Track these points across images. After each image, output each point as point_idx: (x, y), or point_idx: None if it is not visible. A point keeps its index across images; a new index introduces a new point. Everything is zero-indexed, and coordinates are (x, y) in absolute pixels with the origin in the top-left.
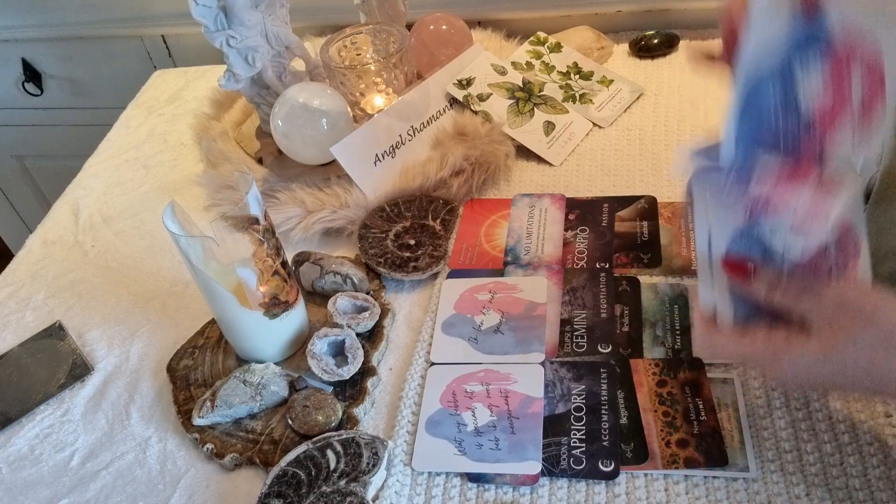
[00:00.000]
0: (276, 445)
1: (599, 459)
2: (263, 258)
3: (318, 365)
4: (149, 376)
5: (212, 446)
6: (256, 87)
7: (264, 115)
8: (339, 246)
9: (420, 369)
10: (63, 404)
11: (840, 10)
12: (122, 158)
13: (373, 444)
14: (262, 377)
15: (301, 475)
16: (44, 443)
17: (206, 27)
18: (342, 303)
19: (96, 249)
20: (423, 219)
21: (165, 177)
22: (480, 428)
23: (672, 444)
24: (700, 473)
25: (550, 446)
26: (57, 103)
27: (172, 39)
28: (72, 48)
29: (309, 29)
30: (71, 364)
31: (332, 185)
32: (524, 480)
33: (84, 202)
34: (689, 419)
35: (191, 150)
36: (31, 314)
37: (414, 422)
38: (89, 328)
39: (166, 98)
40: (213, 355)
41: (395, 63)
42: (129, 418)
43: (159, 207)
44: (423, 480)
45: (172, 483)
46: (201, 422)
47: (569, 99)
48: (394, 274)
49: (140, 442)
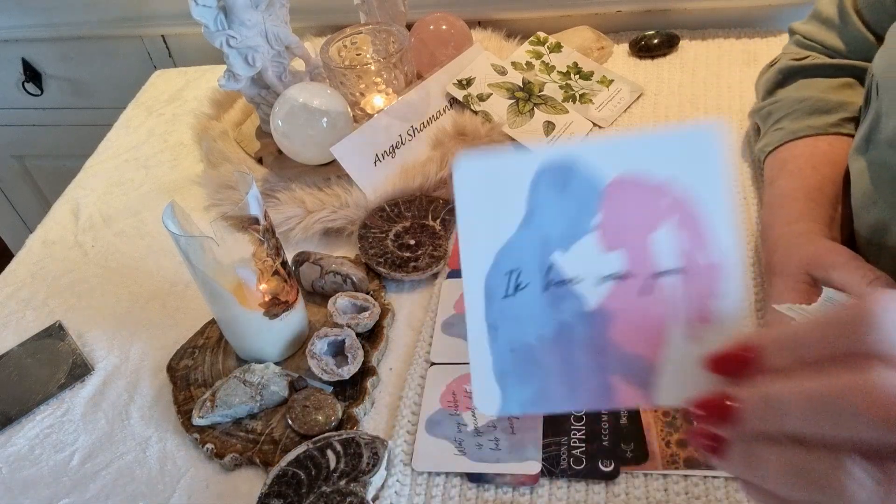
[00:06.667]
0: (275, 445)
1: (599, 459)
2: (263, 258)
3: (318, 365)
4: (149, 376)
5: (212, 446)
6: (256, 87)
7: (264, 115)
8: (339, 246)
9: (420, 369)
10: (63, 404)
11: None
12: (122, 158)
13: (373, 444)
14: (262, 377)
15: (301, 475)
16: (44, 443)
17: (206, 27)
18: (342, 303)
19: (96, 249)
20: (423, 219)
21: (165, 177)
22: (480, 428)
23: (672, 445)
24: (700, 473)
25: (550, 446)
26: (57, 103)
27: (172, 39)
28: (72, 48)
29: (309, 29)
30: (71, 364)
31: (332, 185)
32: (524, 480)
33: (84, 202)
34: (689, 419)
35: (191, 150)
36: (31, 314)
37: (414, 422)
38: (89, 328)
39: (166, 98)
40: (213, 355)
41: (395, 63)
42: (128, 418)
43: (159, 207)
44: (422, 480)
45: (172, 483)
46: (201, 422)
47: (569, 99)
48: (394, 274)
49: (140, 442)
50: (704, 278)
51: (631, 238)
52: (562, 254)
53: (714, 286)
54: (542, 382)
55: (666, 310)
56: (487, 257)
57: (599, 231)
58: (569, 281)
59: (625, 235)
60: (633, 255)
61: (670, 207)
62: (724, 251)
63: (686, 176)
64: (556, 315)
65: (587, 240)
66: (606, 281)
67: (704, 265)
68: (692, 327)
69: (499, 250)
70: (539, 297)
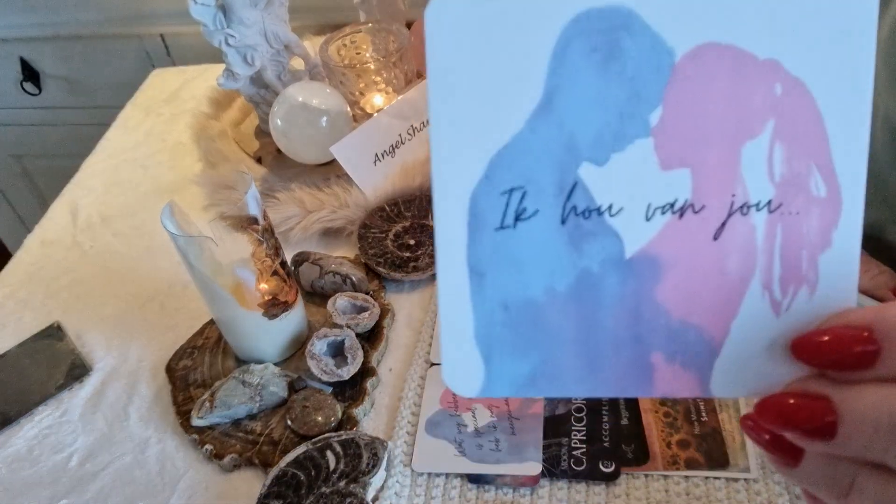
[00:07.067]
0: (275, 446)
1: (600, 460)
2: (262, 258)
3: (318, 365)
4: (147, 377)
5: (211, 447)
6: (255, 87)
7: (263, 115)
8: (338, 246)
9: (420, 370)
10: (62, 405)
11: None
12: (121, 158)
13: (372, 445)
14: (262, 378)
15: (300, 476)
16: (42, 443)
17: (204, 26)
18: (342, 303)
19: (95, 250)
20: (423, 219)
21: (164, 177)
22: (480, 429)
23: (673, 445)
24: (701, 474)
25: (551, 447)
26: (55, 103)
27: (171, 38)
28: (70, 47)
29: (308, 28)
30: (69, 365)
31: (332, 184)
32: (524, 481)
33: (82, 202)
34: (690, 420)
35: (189, 150)
36: (29, 314)
37: (414, 422)
38: (88, 329)
39: (165, 97)
40: (212, 356)
41: (394, 62)
42: (127, 419)
43: (158, 207)
44: (422, 481)
45: (171, 484)
46: (200, 422)
47: None
48: (394, 274)
49: (139, 443)
50: (811, 220)
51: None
52: (595, 168)
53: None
54: (547, 354)
55: (747, 264)
56: (475, 165)
57: (657, 135)
58: (602, 210)
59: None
60: (706, 177)
61: (774, 104)
62: (845, 182)
63: (805, 54)
64: (578, 260)
65: (637, 147)
66: (660, 214)
67: (815, 199)
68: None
69: (494, 155)
70: (554, 232)
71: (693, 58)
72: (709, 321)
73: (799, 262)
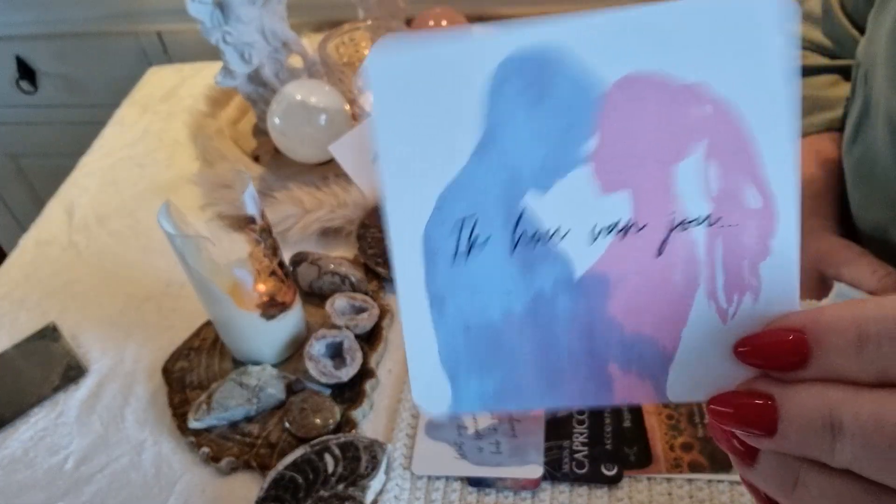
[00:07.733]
0: (272, 449)
1: (602, 463)
2: (260, 258)
3: (316, 367)
4: (144, 378)
5: (207, 450)
6: (253, 84)
7: (261, 113)
8: (337, 246)
9: None
10: (57, 406)
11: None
12: (117, 157)
13: (371, 448)
14: (259, 379)
15: (298, 479)
16: (38, 446)
17: (202, 23)
18: (340, 303)
19: (90, 250)
20: None
21: (160, 175)
22: (481, 431)
23: (676, 448)
24: (704, 477)
25: (552, 450)
26: (51, 101)
27: (168, 36)
28: (66, 45)
29: (306, 25)
30: (65, 366)
31: (331, 183)
32: (525, 485)
33: (78, 202)
34: (693, 422)
35: (186, 149)
36: (24, 315)
37: (413, 425)
38: (83, 329)
39: (161, 95)
40: (209, 357)
41: None
42: (123, 421)
43: (154, 207)
44: (422, 485)
45: (168, 487)
46: (197, 425)
47: None
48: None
49: (135, 445)
50: (750, 231)
51: (642, 172)
52: (538, 196)
53: (760, 243)
54: (509, 372)
55: (691, 276)
56: (425, 202)
57: (595, 162)
58: (550, 234)
59: (633, 168)
60: (645, 197)
61: (704, 124)
62: (778, 192)
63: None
64: (532, 282)
65: (576, 175)
66: (604, 235)
67: (749, 212)
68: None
69: (443, 190)
70: (505, 259)
71: (622, 87)
72: (660, 332)
73: (741, 270)
